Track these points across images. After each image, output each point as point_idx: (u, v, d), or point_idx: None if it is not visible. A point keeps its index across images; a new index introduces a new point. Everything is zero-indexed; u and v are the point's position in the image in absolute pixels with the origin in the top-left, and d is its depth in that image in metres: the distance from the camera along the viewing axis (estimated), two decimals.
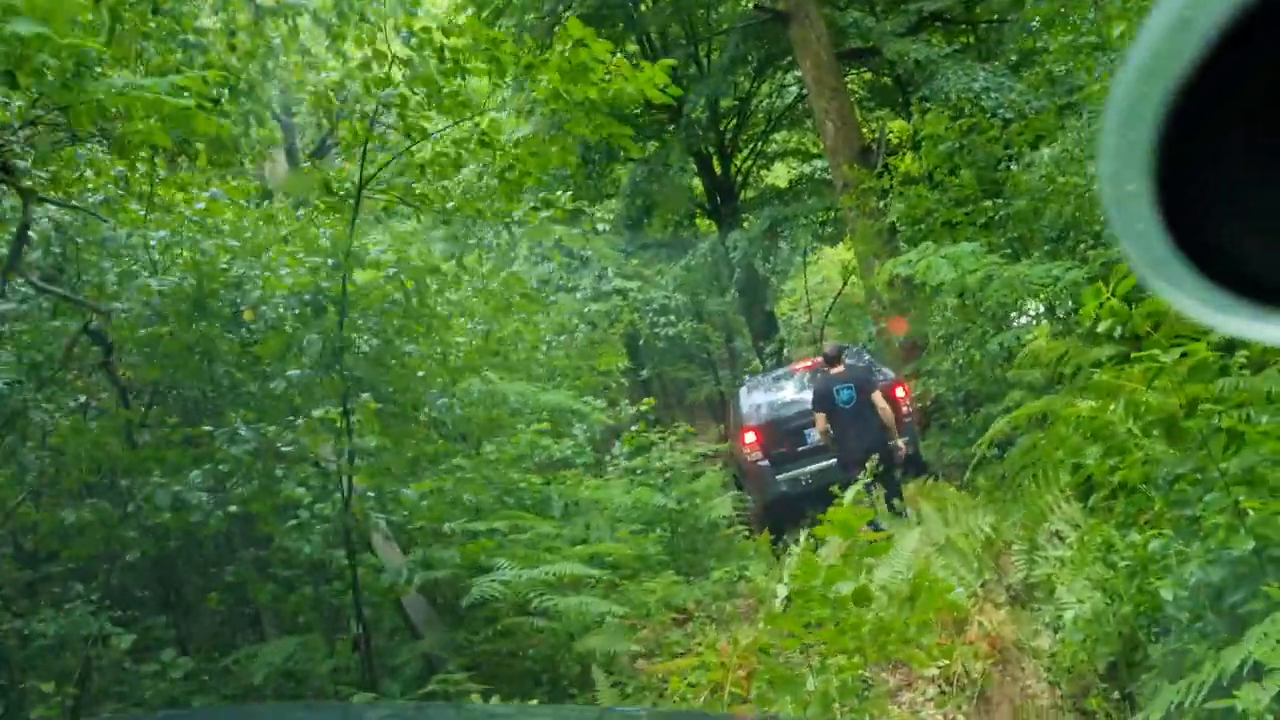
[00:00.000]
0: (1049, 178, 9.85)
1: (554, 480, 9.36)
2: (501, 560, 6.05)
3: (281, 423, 5.58)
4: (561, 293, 12.57)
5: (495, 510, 7.52)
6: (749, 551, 9.80)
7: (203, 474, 4.73)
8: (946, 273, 8.35)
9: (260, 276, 5.36)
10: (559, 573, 5.95)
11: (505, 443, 7.94)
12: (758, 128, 20.29)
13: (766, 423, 10.49)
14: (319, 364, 4.87)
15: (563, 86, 4.92)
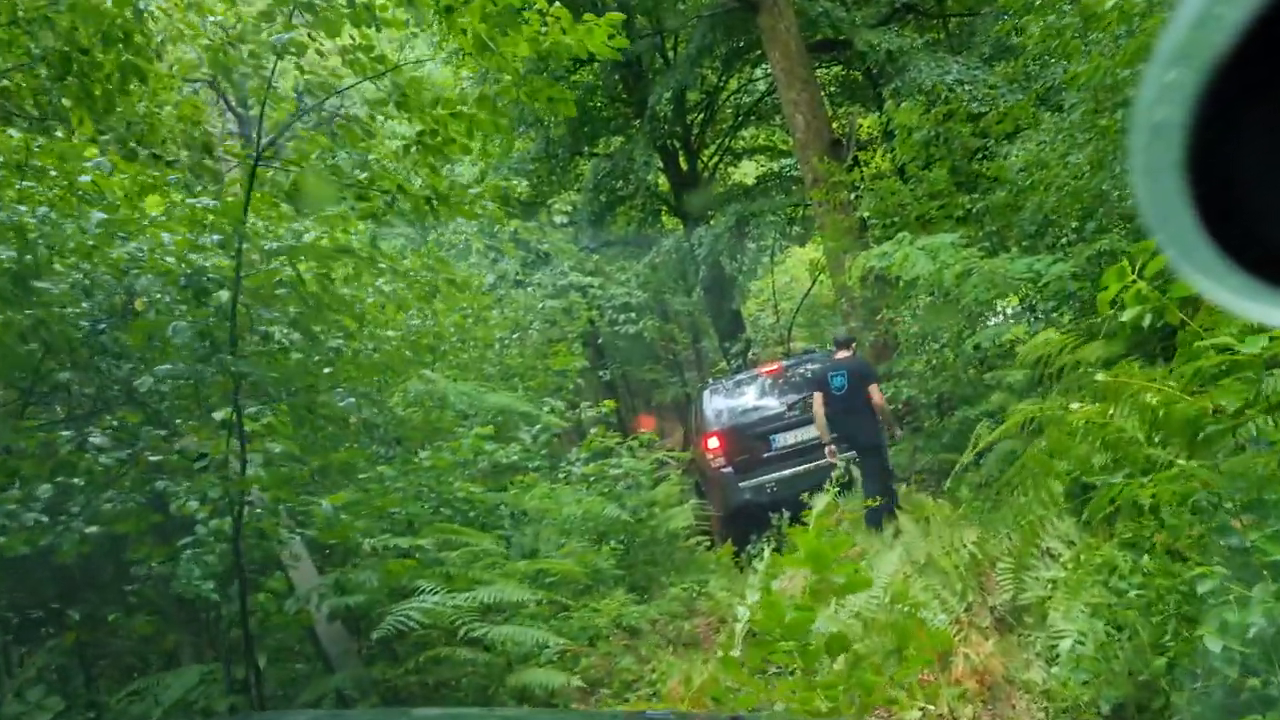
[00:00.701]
0: (1029, 170, 9.20)
1: (512, 486, 8.61)
2: (426, 583, 5.25)
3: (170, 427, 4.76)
4: (519, 289, 11.77)
5: (430, 524, 6.74)
6: (710, 564, 9.07)
7: (54, 488, 3.92)
8: (924, 266, 7.67)
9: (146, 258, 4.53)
10: (492, 598, 5.17)
11: (443, 448, 7.14)
12: (725, 123, 19.59)
13: (730, 428, 9.77)
14: (195, 358, 4.07)
15: (488, 33, 4.14)
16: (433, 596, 5.21)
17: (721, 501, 9.84)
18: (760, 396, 10.12)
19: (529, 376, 10.97)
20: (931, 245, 7.72)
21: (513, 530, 8.12)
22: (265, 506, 4.98)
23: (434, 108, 4.48)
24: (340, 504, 5.33)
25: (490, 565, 6.53)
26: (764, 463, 9.57)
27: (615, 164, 16.76)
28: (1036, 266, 7.45)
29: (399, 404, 7.88)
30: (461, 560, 5.81)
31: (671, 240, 15.63)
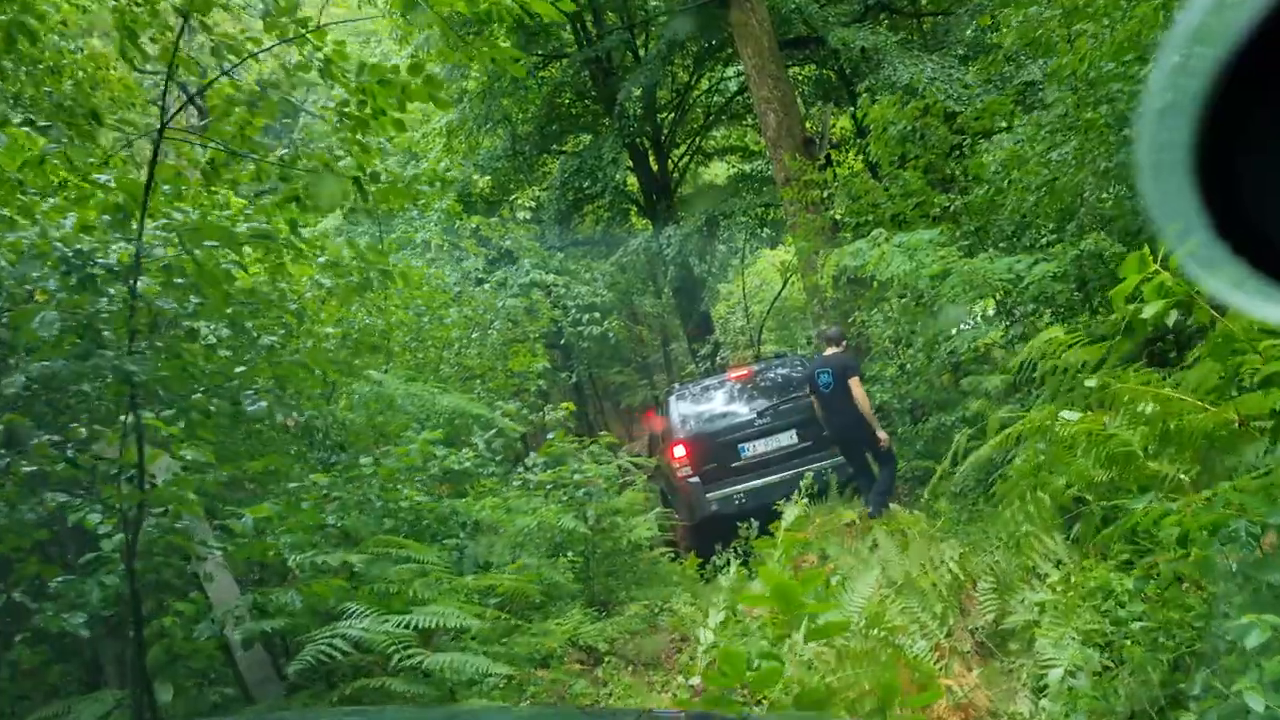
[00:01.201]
0: (1007, 167, 8.81)
1: (472, 493, 8.10)
2: (356, 605, 4.72)
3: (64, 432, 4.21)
4: (479, 287, 11.22)
5: (371, 536, 6.21)
6: (674, 577, 8.58)
7: None
8: (901, 265, 7.23)
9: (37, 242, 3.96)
10: (430, 621, 4.64)
11: (390, 454, 6.60)
12: (696, 122, 19.14)
13: (697, 435, 9.29)
14: (74, 354, 3.53)
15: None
16: (362, 620, 4.67)
17: (688, 511, 9.36)
18: (729, 402, 9.66)
19: (489, 378, 10.43)
20: (909, 243, 7.29)
21: (468, 541, 7.61)
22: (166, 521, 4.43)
23: (360, 75, 3.96)
24: (263, 517, 4.79)
25: (435, 582, 6.00)
26: (732, 472, 9.11)
27: (583, 161, 16.24)
28: (1018, 267, 7.03)
29: (345, 407, 7.34)
30: (400, 578, 5.27)
31: (639, 240, 15.14)
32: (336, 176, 4.03)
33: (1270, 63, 0.56)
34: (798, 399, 9.40)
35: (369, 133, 4.15)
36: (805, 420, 9.18)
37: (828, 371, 8.43)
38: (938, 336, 10.22)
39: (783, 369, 9.95)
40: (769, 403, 9.35)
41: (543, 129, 18.21)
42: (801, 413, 9.25)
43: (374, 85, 3.92)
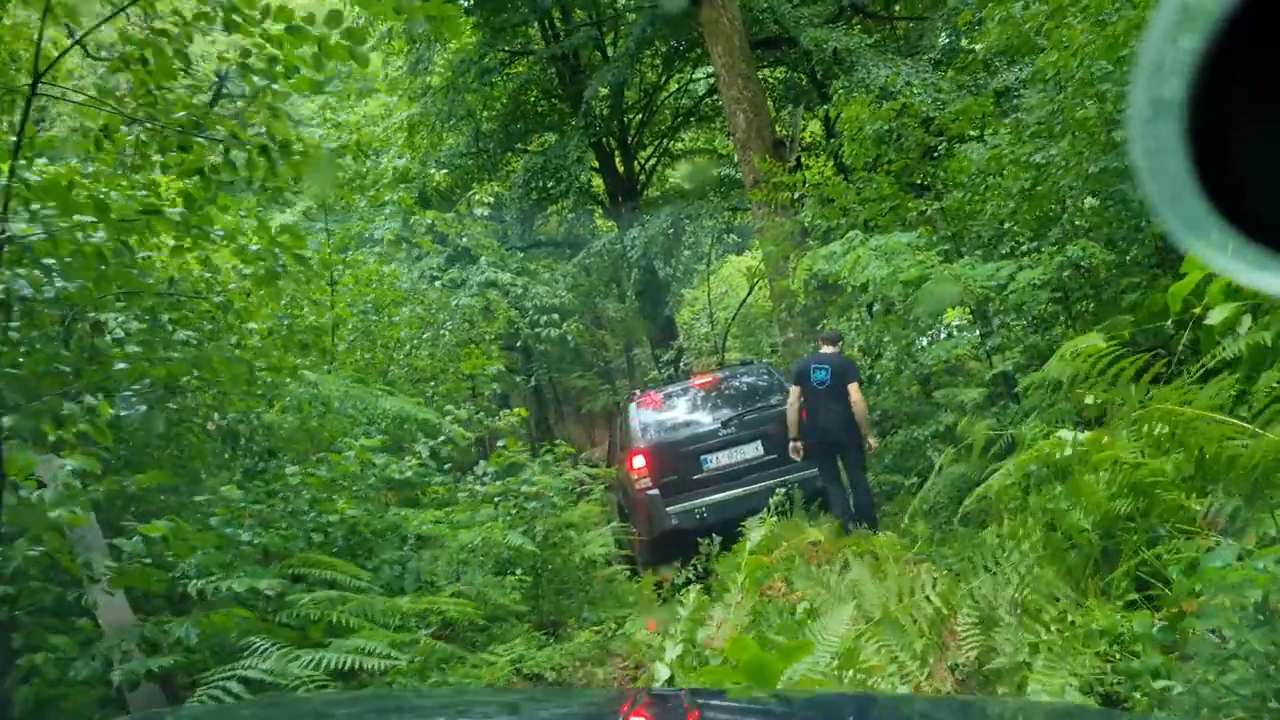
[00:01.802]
0: (987, 169, 8.35)
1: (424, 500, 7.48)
2: (262, 639, 4.08)
3: None
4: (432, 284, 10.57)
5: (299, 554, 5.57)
6: (630, 596, 8.00)
7: None
8: (876, 270, 6.71)
9: None
10: (344, 661, 4.02)
11: (323, 462, 5.97)
12: (664, 123, 18.60)
13: (658, 445, 8.72)
14: None
15: None
16: (267, 659, 4.03)
17: (646, 525, 8.78)
18: (692, 410, 9.10)
19: (441, 380, 9.80)
20: (886, 245, 6.78)
21: (411, 554, 6.98)
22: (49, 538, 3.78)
23: (264, 19, 3.36)
24: (158, 535, 4.15)
25: (363, 607, 5.38)
26: (694, 485, 8.55)
27: (547, 160, 15.64)
28: (1002, 273, 6.54)
29: (278, 409, 6.69)
30: (320, 605, 4.64)
31: (603, 241, 14.56)
32: (242, 146, 3.41)
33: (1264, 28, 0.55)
34: (764, 408, 8.87)
35: (278, 98, 3.54)
36: (772, 431, 8.65)
37: (825, 368, 8.00)
38: (910, 346, 9.76)
39: (749, 377, 9.41)
40: (734, 412, 8.81)
41: (507, 127, 17.59)
42: (768, 423, 8.72)
43: (283, 35, 3.33)
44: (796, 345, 11.93)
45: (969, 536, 7.42)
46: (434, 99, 17.07)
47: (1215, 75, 0.58)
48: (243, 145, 3.41)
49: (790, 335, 11.85)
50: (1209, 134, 0.60)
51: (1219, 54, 0.57)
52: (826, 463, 8.14)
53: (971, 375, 8.95)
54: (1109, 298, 7.30)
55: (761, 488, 8.45)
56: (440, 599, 5.74)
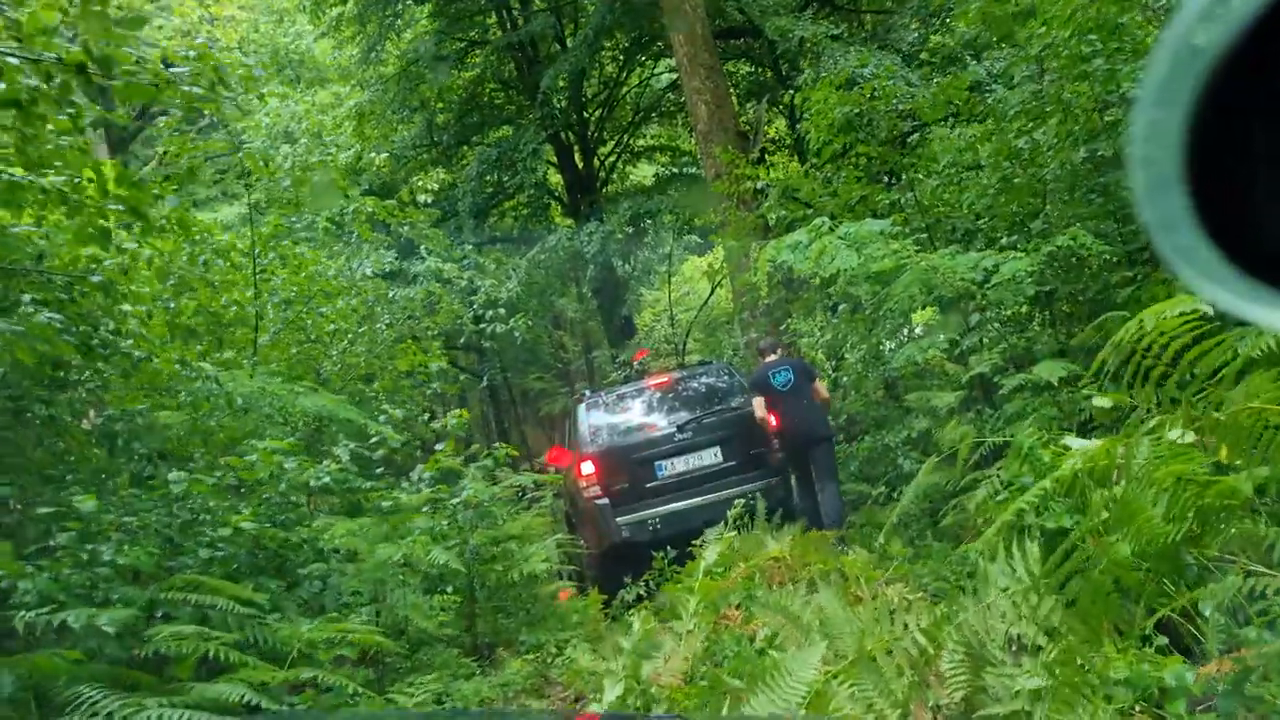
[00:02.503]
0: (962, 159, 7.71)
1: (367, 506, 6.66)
2: (92, 689, 3.25)
3: None
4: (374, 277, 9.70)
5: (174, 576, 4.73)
6: (574, 616, 7.20)
7: None
8: (846, 260, 5.99)
9: None
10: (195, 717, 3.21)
11: (210, 468, 5.13)
12: (624, 118, 17.85)
13: (608, 450, 7.93)
14: None
15: None
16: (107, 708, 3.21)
17: (595, 537, 8.00)
18: (646, 413, 8.33)
19: (379, 378, 8.95)
20: (856, 234, 6.06)
21: (336, 569, 6.16)
22: None
23: None
24: None
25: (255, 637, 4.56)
26: (646, 494, 7.78)
27: (502, 152, 14.83)
28: (985, 263, 5.86)
29: (171, 406, 5.83)
30: (182, 640, 3.81)
31: (558, 236, 13.76)
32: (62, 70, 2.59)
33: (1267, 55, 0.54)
34: (723, 411, 8.13)
35: None
36: (730, 436, 7.92)
37: (785, 370, 7.78)
38: (877, 347, 9.09)
39: (707, 378, 8.66)
40: (691, 415, 8.05)
41: (462, 118, 16.74)
42: (727, 428, 7.99)
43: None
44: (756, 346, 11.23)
45: (944, 552, 6.74)
46: (386, 87, 16.20)
47: (1215, 107, 0.56)
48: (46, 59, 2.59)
49: (752, 336, 11.14)
50: (1209, 166, 0.59)
51: (1219, 85, 0.55)
52: (798, 462, 7.79)
53: (942, 378, 8.28)
54: (1096, 293, 6.65)
55: (720, 497, 7.72)
56: (347, 625, 4.92)
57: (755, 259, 7.27)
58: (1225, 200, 0.61)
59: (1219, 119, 0.57)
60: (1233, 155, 0.61)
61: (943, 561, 6.54)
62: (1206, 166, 0.59)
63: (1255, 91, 0.58)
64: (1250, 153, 0.61)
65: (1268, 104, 0.59)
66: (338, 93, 18.26)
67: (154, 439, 5.41)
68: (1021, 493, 4.23)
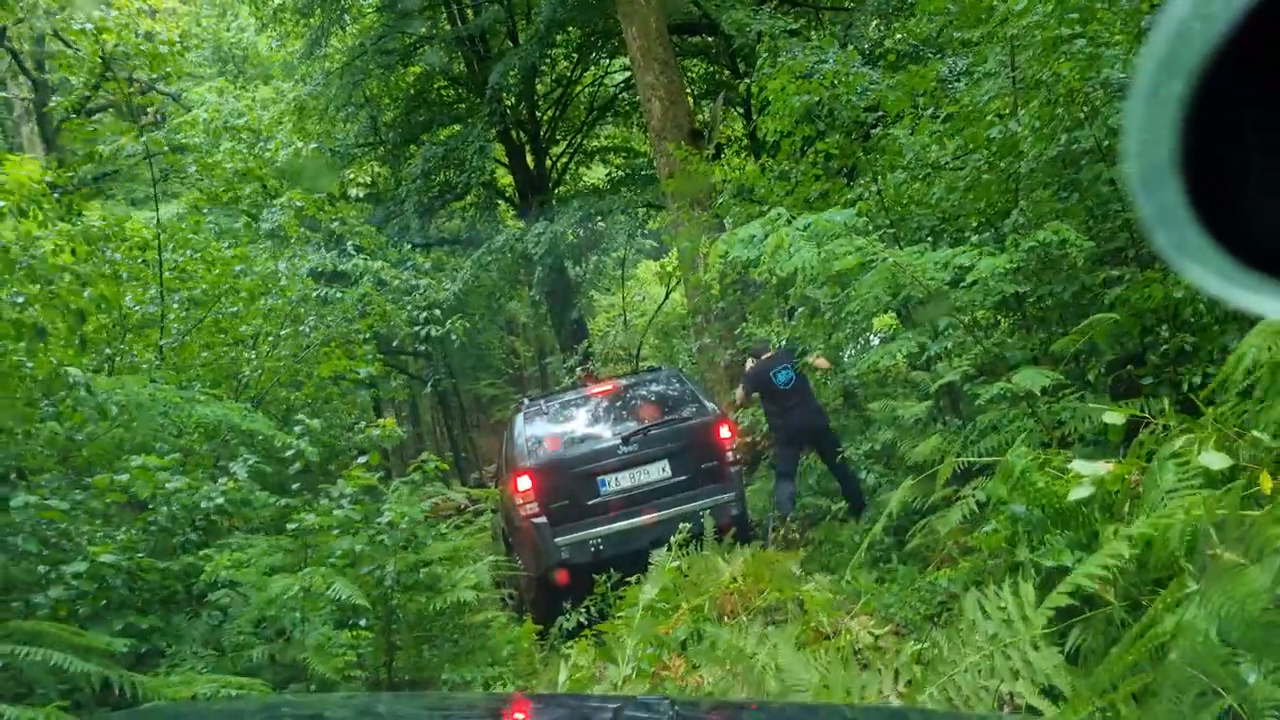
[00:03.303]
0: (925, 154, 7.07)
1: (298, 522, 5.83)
2: None
3: None
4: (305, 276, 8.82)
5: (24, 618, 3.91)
6: (506, 648, 6.42)
7: None
8: (804, 256, 5.29)
9: None
10: None
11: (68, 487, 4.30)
12: (578, 118, 17.09)
13: (547, 464, 7.16)
14: None
15: None
16: None
17: (532, 560, 7.22)
18: (589, 424, 7.56)
19: (303, 384, 8.10)
20: (816, 226, 5.37)
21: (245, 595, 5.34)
22: None
23: None
24: None
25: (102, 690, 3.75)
26: (588, 512, 7.01)
27: (449, 149, 14.00)
28: (959, 260, 5.19)
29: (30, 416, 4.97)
30: None
31: (505, 237, 12.96)
32: None
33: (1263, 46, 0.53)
34: (673, 422, 7.40)
35: None
36: (680, 449, 7.19)
37: (785, 368, 7.54)
38: (838, 352, 8.43)
39: (656, 385, 7.92)
40: (638, 426, 7.30)
41: (409, 115, 15.87)
42: (676, 440, 7.26)
43: None
44: (712, 352, 10.53)
45: (910, 576, 6.07)
46: (329, 82, 15.30)
47: (1211, 99, 0.55)
48: None
49: (705, 341, 10.45)
50: (1205, 157, 0.58)
51: (1214, 78, 0.54)
52: (791, 454, 7.56)
53: (905, 386, 7.62)
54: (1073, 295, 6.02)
55: (668, 515, 7.00)
56: (221, 678, 4.11)
57: (704, 254, 6.55)
58: (1221, 192, 0.59)
59: (1214, 109, 0.56)
60: (1227, 146, 0.58)
61: (910, 588, 5.86)
62: (1202, 157, 0.57)
63: (1250, 81, 0.56)
64: (1245, 143, 0.59)
65: (1262, 94, 0.57)
66: (280, 89, 17.30)
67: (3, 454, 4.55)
68: (1012, 522, 3.54)
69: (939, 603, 5.56)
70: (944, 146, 7.21)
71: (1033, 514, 3.44)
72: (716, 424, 7.33)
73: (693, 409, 7.47)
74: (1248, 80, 0.56)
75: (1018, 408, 5.63)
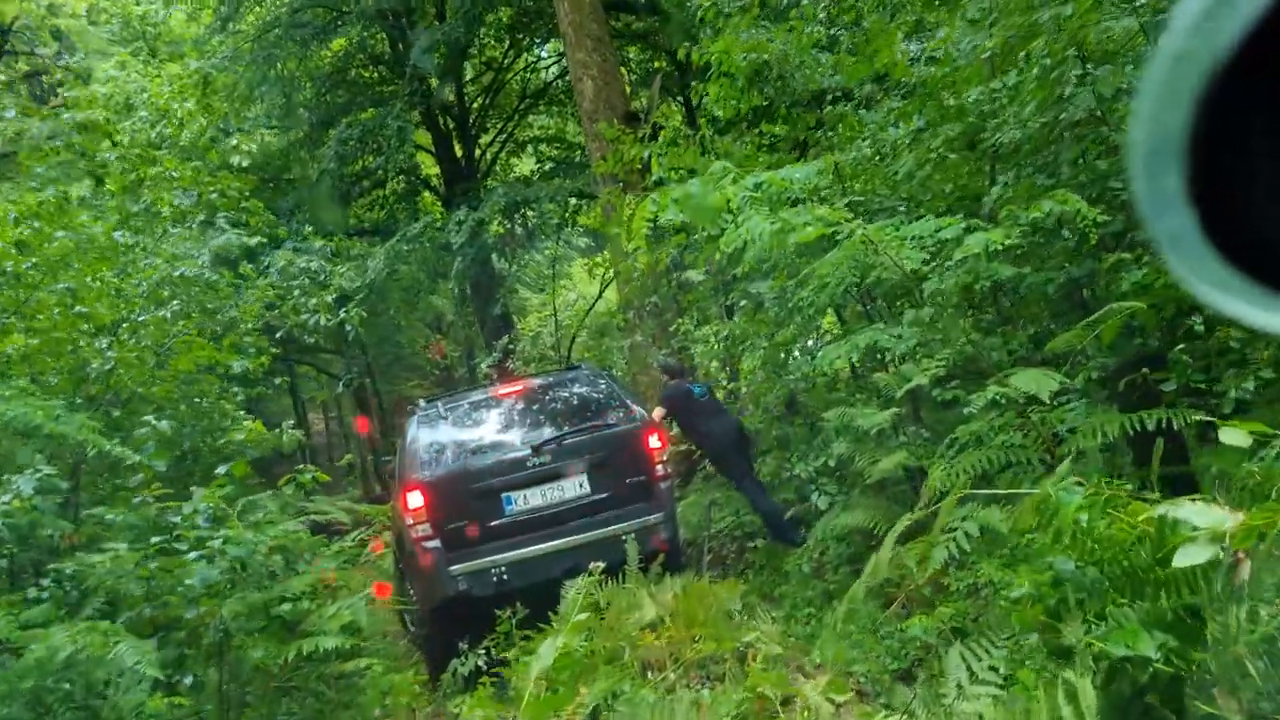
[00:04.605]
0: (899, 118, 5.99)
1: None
2: None
3: None
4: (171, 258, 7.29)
5: None
6: (381, 704, 5.11)
7: None
8: (756, 227, 4.11)
9: None
10: None
11: None
12: (510, 105, 15.78)
13: (444, 478, 5.85)
14: None
15: None
16: None
17: (424, 590, 5.92)
18: (495, 431, 6.26)
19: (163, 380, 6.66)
20: (769, 184, 4.19)
21: None
22: None
23: None
24: None
25: None
26: (491, 535, 5.72)
27: (365, 129, 12.58)
28: (945, 233, 4.06)
29: None
30: None
31: (422, 224, 11.60)
32: None
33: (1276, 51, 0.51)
34: (594, 429, 6.16)
35: None
36: (602, 461, 5.95)
37: (699, 385, 7.39)
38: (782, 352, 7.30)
39: (576, 386, 6.65)
40: (552, 434, 6.03)
41: (326, 95, 14.39)
42: (599, 449, 6.03)
43: None
44: (645, 351, 9.33)
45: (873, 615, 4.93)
46: (238, 55, 13.76)
47: (1219, 113, 0.54)
48: None
49: (638, 339, 9.24)
50: (1213, 174, 0.56)
51: (1220, 91, 0.53)
52: (737, 460, 6.96)
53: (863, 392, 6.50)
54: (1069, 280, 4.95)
55: (586, 540, 5.77)
56: None
57: (626, 218, 5.35)
58: (1224, 202, 0.58)
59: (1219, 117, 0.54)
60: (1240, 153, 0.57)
61: (873, 635, 4.71)
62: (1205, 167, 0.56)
63: (1256, 90, 0.55)
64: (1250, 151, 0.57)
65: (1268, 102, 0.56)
66: (188, 65, 15.66)
67: None
68: (1056, 585, 2.37)
69: (911, 656, 4.43)
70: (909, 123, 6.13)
71: (1085, 574, 2.29)
72: (645, 432, 6.10)
73: (618, 414, 6.24)
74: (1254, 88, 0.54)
75: (1004, 417, 4.52)
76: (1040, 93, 4.57)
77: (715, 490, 8.20)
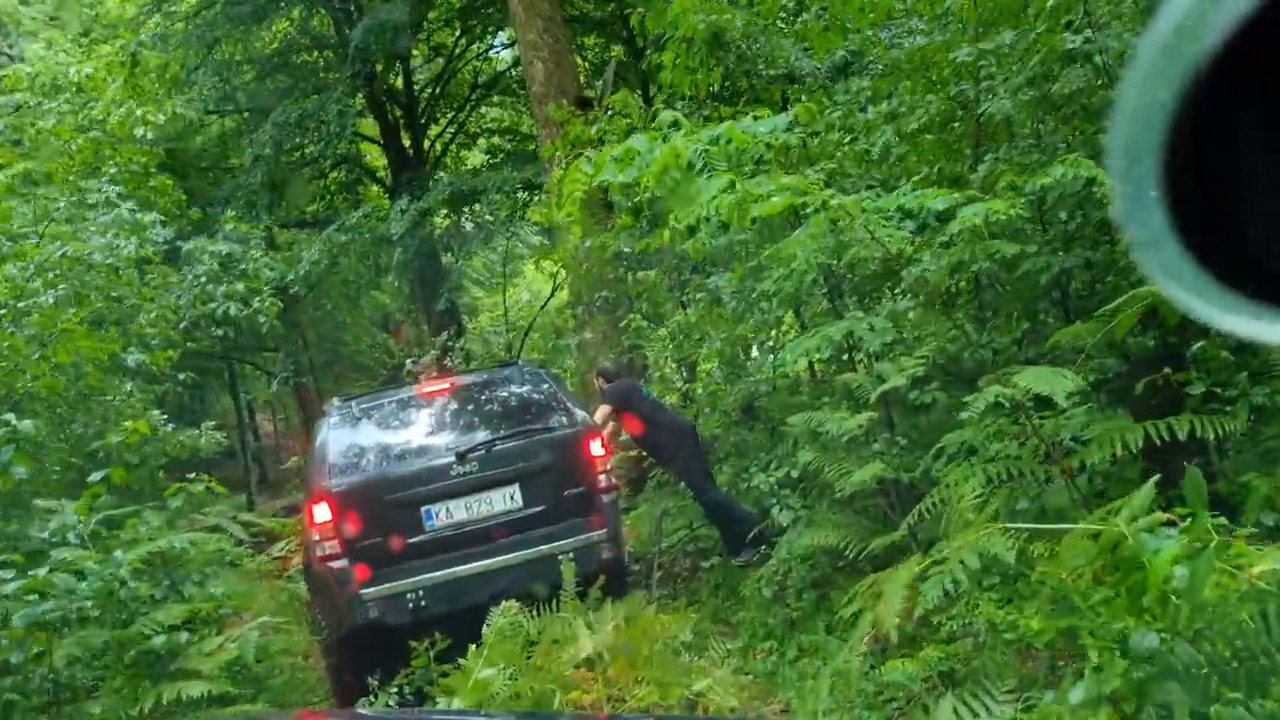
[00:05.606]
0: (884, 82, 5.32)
1: None
2: None
3: None
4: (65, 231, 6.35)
5: None
6: None
7: None
8: (713, 191, 3.37)
9: None
10: None
11: None
12: (461, 95, 14.93)
13: (355, 487, 5.02)
14: None
15: None
16: None
17: (332, 616, 5.09)
18: (417, 435, 5.44)
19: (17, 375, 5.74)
20: (728, 138, 3.46)
21: None
22: None
23: None
24: None
25: None
26: (409, 554, 4.91)
27: (304, 114, 11.67)
28: (932, 204, 3.34)
29: None
30: None
31: (360, 214, 10.73)
32: None
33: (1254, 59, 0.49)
34: (528, 433, 5.37)
35: None
36: (536, 471, 5.16)
37: (642, 386, 7.07)
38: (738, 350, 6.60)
39: (511, 385, 5.83)
40: (479, 439, 5.23)
41: (266, 78, 13.43)
42: (534, 457, 5.24)
43: None
44: (594, 349, 8.56)
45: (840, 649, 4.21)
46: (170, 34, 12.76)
47: (1195, 119, 0.51)
48: None
49: (586, 335, 8.47)
50: (1189, 180, 0.54)
51: (1198, 97, 0.50)
52: (697, 464, 6.36)
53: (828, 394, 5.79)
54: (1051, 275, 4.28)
55: (517, 560, 4.98)
56: None
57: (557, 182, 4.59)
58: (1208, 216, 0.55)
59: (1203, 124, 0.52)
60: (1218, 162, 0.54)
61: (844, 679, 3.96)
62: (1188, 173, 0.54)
63: (1239, 92, 0.53)
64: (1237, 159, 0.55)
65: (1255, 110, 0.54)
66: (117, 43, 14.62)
67: None
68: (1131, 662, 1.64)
69: (893, 706, 3.70)
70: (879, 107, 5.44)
71: (1175, 654, 1.56)
72: (586, 437, 5.31)
73: (556, 417, 5.45)
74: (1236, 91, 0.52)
75: (997, 424, 3.83)
76: (1050, 39, 3.88)
77: (668, 499, 7.46)
